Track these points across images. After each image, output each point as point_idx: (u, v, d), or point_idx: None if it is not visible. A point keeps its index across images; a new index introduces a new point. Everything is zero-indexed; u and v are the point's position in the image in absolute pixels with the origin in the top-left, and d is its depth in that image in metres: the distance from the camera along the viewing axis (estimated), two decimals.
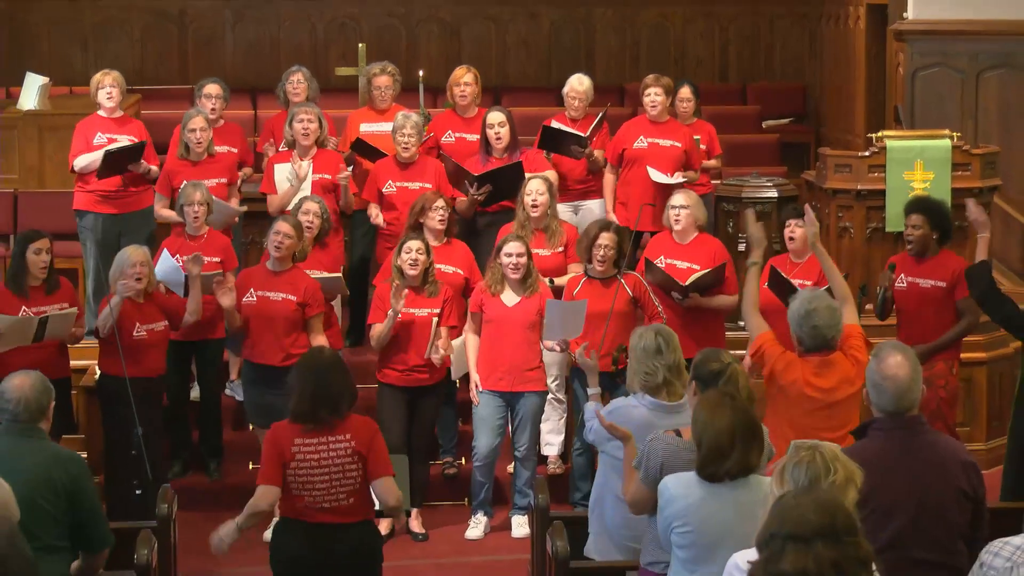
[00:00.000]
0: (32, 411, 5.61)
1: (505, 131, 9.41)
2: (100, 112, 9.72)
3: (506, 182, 9.13)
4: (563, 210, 9.50)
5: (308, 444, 5.93)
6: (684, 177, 9.59)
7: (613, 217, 9.46)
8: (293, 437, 5.94)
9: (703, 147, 10.26)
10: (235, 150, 9.89)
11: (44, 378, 5.77)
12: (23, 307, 8.03)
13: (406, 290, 8.16)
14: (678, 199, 8.59)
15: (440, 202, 8.70)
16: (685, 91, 10.50)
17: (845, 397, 6.18)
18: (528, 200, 8.72)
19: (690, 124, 10.41)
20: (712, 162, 10.41)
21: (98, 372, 8.49)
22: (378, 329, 8.23)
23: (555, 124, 9.84)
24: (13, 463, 5.41)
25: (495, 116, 9.47)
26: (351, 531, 6.03)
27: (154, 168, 9.62)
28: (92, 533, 5.61)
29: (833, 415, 6.11)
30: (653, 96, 9.70)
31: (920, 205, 8.24)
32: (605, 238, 8.21)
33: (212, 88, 9.96)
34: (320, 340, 8.16)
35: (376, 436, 6.06)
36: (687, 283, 8.35)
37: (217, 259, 8.71)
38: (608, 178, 9.75)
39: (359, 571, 6.11)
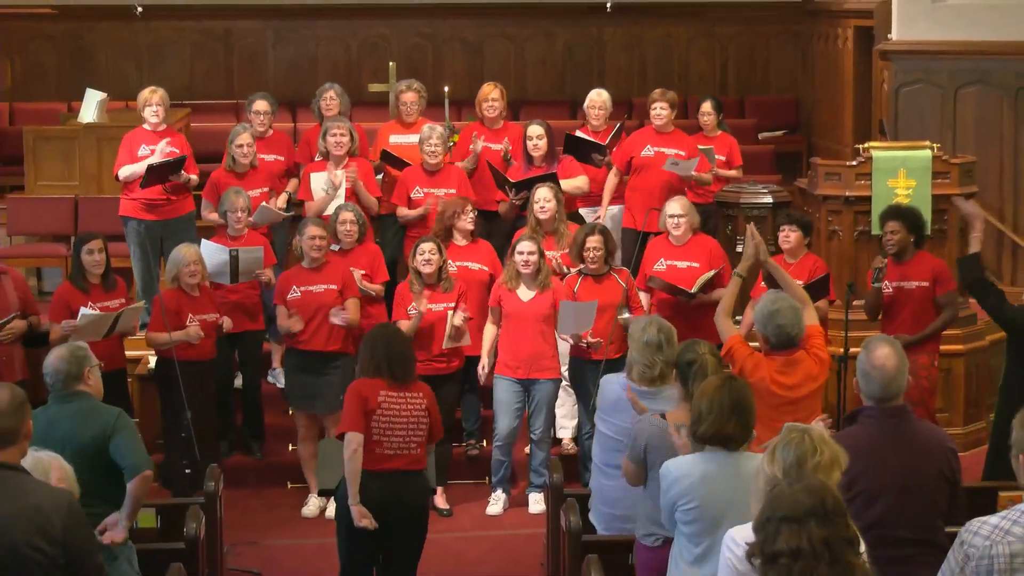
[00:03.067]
0: (64, 379, 5.72)
1: (543, 143, 9.50)
2: (145, 126, 9.68)
3: None
4: (586, 214, 9.62)
5: (391, 396, 6.29)
6: (697, 178, 9.63)
7: (603, 213, 9.58)
8: (379, 389, 6.28)
9: (722, 157, 10.22)
10: (282, 158, 9.90)
11: (77, 347, 5.84)
12: (89, 302, 8.05)
13: (426, 293, 8.23)
14: (675, 208, 8.62)
15: (470, 207, 8.77)
16: (707, 105, 10.48)
17: (808, 393, 6.16)
18: (536, 207, 8.75)
19: (714, 137, 10.38)
20: (732, 172, 10.34)
21: (151, 361, 8.51)
22: (405, 326, 8.23)
23: (578, 134, 9.86)
24: (60, 429, 5.53)
25: (534, 130, 9.55)
26: (417, 477, 6.36)
27: (194, 177, 9.61)
28: (126, 460, 5.59)
29: (797, 409, 6.06)
30: (659, 109, 9.71)
31: (895, 212, 8.28)
32: (592, 240, 8.27)
33: (260, 104, 9.91)
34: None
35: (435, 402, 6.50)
36: (694, 290, 8.41)
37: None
38: (611, 181, 9.75)
39: (419, 515, 6.40)
